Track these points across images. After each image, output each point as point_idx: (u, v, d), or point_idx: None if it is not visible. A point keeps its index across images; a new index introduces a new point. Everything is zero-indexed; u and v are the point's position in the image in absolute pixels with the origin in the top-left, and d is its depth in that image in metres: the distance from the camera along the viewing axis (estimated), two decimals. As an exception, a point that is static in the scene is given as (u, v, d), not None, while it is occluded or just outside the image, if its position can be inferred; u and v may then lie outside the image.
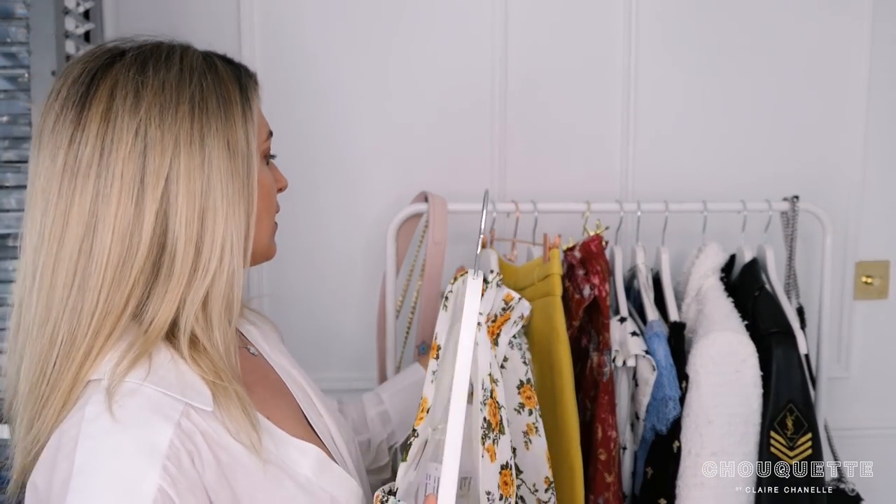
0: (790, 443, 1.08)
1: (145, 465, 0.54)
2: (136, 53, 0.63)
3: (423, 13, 1.38)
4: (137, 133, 0.60)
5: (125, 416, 0.56)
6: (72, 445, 0.55)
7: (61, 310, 0.59)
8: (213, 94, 0.63)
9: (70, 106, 0.60)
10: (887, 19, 1.44)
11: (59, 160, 0.60)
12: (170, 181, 0.60)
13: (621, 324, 1.12)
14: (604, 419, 1.07)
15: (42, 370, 0.59)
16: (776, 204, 1.26)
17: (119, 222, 0.59)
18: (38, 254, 0.60)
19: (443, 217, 1.17)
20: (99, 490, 0.53)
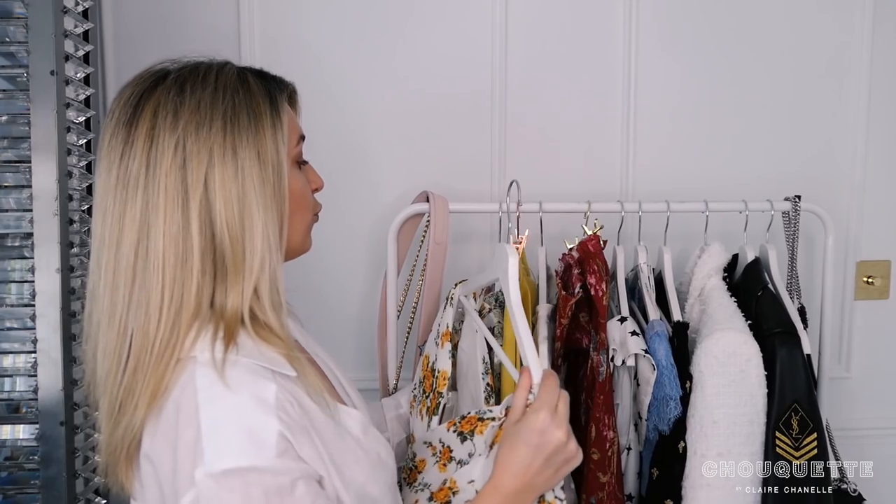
0: (796, 443, 1.08)
1: (263, 416, 0.63)
2: (176, 76, 0.71)
3: (422, 13, 1.38)
4: (177, 148, 0.67)
5: (234, 382, 0.64)
6: (192, 413, 0.63)
7: (125, 305, 0.67)
8: (244, 110, 0.70)
9: (121, 126, 0.69)
10: (887, 19, 1.44)
11: (113, 174, 0.68)
12: (209, 189, 0.68)
13: (621, 323, 1.12)
14: (598, 419, 1.07)
15: (118, 359, 0.67)
16: (778, 204, 1.26)
17: (168, 227, 0.67)
18: (100, 255, 0.69)
19: (444, 217, 1.16)
20: (231, 442, 0.62)
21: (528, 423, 0.75)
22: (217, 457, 0.61)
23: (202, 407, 0.63)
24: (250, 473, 0.61)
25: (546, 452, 0.74)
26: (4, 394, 1.16)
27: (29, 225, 1.10)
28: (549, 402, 0.75)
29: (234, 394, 0.64)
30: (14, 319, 1.15)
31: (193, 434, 0.62)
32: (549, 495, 0.78)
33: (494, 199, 1.40)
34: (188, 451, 0.62)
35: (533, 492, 0.75)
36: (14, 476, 1.15)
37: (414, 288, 1.25)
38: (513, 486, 0.73)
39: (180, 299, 0.67)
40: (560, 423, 0.75)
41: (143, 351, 0.66)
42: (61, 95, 1.10)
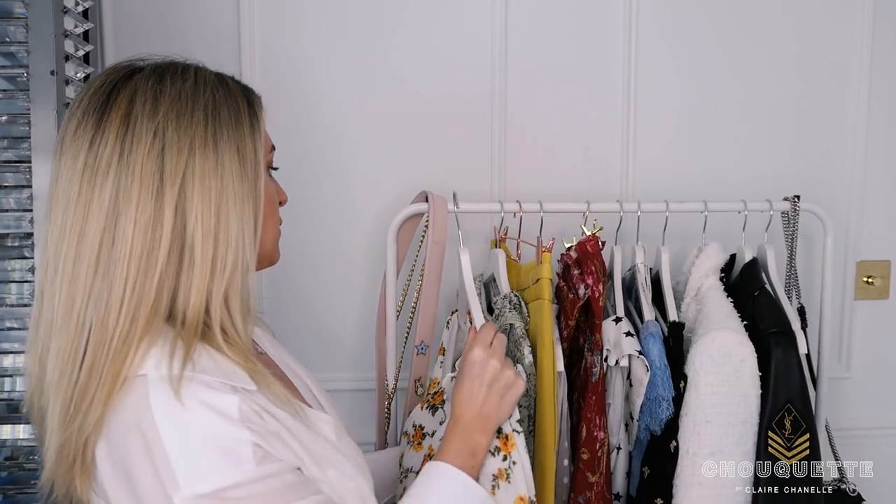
0: (788, 443, 1.08)
1: (233, 430, 0.61)
2: (153, 67, 0.69)
3: (422, 14, 1.38)
4: (156, 134, 0.64)
5: (192, 401, 0.61)
6: (154, 439, 0.59)
7: (85, 297, 0.63)
8: (224, 105, 0.69)
9: (91, 112, 0.65)
10: (888, 19, 1.44)
11: (80, 161, 0.64)
12: (186, 180, 0.65)
13: (616, 324, 1.12)
14: (590, 419, 1.07)
15: (73, 357, 0.63)
16: (777, 204, 1.26)
17: (140, 215, 0.63)
18: (59, 247, 0.64)
19: (443, 217, 1.16)
20: (205, 463, 0.59)
21: (467, 359, 0.85)
22: (194, 481, 0.58)
23: (164, 431, 0.59)
24: (235, 489, 0.59)
25: (486, 380, 0.83)
26: (4, 394, 1.17)
27: (29, 225, 1.10)
28: (484, 340, 0.86)
29: (195, 413, 0.60)
30: (14, 319, 1.15)
31: (160, 461, 0.59)
32: (506, 427, 0.86)
33: (494, 199, 1.40)
34: (156, 482, 0.59)
35: (487, 420, 0.82)
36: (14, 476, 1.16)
37: (413, 288, 1.25)
38: (467, 416, 0.82)
39: (141, 291, 0.63)
40: (494, 353, 0.84)
41: (101, 345, 0.62)
42: (61, 95, 1.11)
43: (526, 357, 1.03)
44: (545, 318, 1.05)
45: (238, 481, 0.60)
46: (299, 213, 1.31)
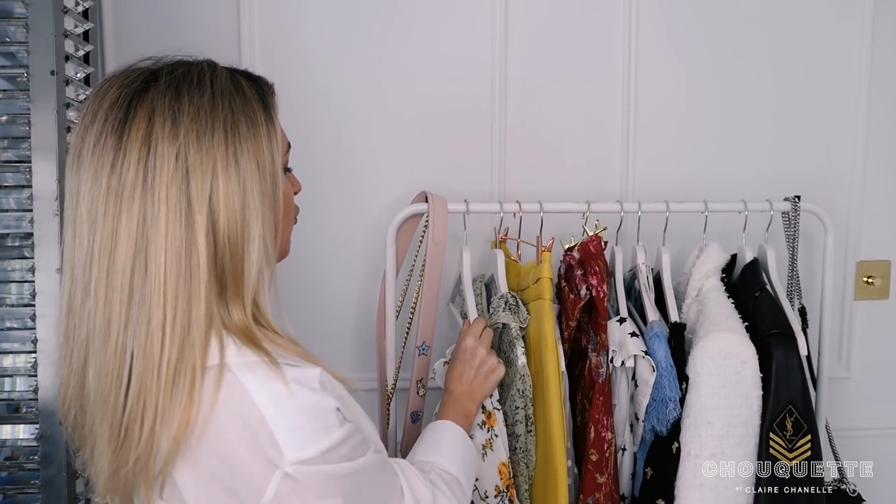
0: (789, 444, 1.08)
1: (321, 398, 0.67)
2: (169, 79, 0.68)
3: (422, 14, 1.38)
4: (178, 158, 0.64)
5: (285, 379, 0.65)
6: (260, 420, 0.63)
7: (121, 324, 0.64)
8: (242, 117, 0.69)
9: (110, 130, 0.65)
10: (888, 19, 1.44)
11: (103, 182, 0.64)
12: (212, 202, 0.65)
13: (620, 324, 1.12)
14: (597, 420, 1.07)
15: (116, 383, 0.64)
16: (777, 204, 1.26)
17: (170, 243, 0.64)
18: (88, 270, 0.64)
19: (443, 217, 1.16)
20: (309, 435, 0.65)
21: (460, 347, 1.05)
22: (298, 449, 0.64)
23: (266, 411, 0.64)
24: (330, 452, 0.66)
25: (474, 364, 1.02)
26: (4, 394, 1.17)
27: (29, 225, 1.10)
28: (475, 332, 1.06)
29: (289, 389, 0.65)
30: (14, 319, 1.15)
31: (265, 439, 0.63)
32: (488, 405, 1.04)
33: (494, 199, 1.40)
34: (260, 460, 0.63)
35: (475, 394, 1.01)
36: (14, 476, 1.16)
37: (413, 288, 1.25)
38: (458, 390, 1.01)
39: (188, 317, 0.64)
40: (482, 343, 1.04)
41: (148, 373, 0.63)
42: (61, 95, 1.11)
43: (518, 358, 1.05)
44: (547, 318, 1.06)
45: (332, 443, 0.66)
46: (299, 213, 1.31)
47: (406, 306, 1.29)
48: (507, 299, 1.10)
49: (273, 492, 0.64)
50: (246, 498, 0.64)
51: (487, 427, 1.03)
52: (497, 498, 1.02)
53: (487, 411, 1.04)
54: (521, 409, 1.06)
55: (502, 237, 1.22)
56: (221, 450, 0.64)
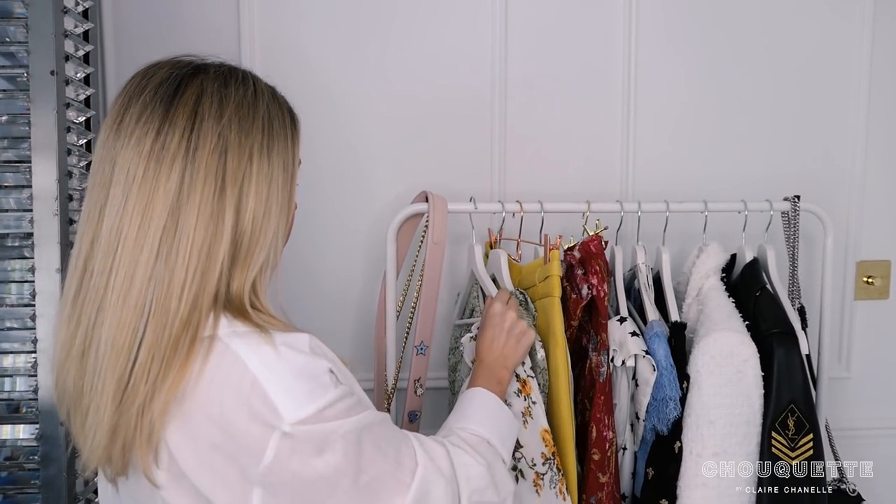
0: (791, 443, 1.08)
1: (313, 360, 0.69)
2: (217, 71, 0.74)
3: (423, 14, 1.38)
4: (220, 136, 0.69)
5: (275, 344, 0.68)
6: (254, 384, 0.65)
7: (145, 279, 0.66)
8: (277, 118, 0.75)
9: (159, 102, 0.69)
10: (888, 19, 1.44)
11: (146, 147, 0.68)
12: (244, 183, 0.70)
13: (621, 324, 1.12)
14: (599, 419, 1.07)
15: (132, 336, 0.66)
16: (777, 204, 1.26)
17: (203, 209, 0.68)
18: (119, 224, 0.67)
19: (443, 217, 1.16)
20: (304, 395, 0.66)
21: (489, 313, 1.01)
22: (295, 410, 0.65)
23: (259, 374, 0.65)
24: (327, 410, 0.67)
25: (505, 327, 0.99)
26: (4, 394, 1.17)
27: (29, 225, 1.10)
28: (502, 298, 1.03)
29: (280, 352, 0.67)
30: (14, 319, 1.15)
31: (259, 402, 0.65)
32: (521, 372, 1.01)
33: (494, 199, 1.40)
34: (256, 423, 0.64)
35: (507, 359, 0.97)
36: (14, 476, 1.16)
37: (413, 288, 1.25)
38: (490, 357, 0.97)
39: (202, 282, 0.68)
40: (511, 307, 1.01)
41: (161, 327, 0.66)
42: (61, 95, 1.11)
43: (538, 352, 1.04)
44: (556, 315, 1.05)
45: (329, 401, 0.67)
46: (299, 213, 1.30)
47: (406, 306, 1.29)
48: (517, 296, 1.09)
49: (272, 453, 0.64)
50: (246, 463, 0.65)
51: (524, 395, 0.99)
52: (545, 465, 0.98)
53: (522, 379, 1.00)
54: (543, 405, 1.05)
55: (496, 237, 1.22)
56: (216, 417, 0.65)
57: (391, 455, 0.71)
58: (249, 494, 0.65)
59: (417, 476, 0.71)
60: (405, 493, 0.70)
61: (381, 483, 0.69)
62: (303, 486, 0.65)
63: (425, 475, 0.72)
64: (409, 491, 0.70)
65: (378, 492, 0.69)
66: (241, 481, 0.65)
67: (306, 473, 0.65)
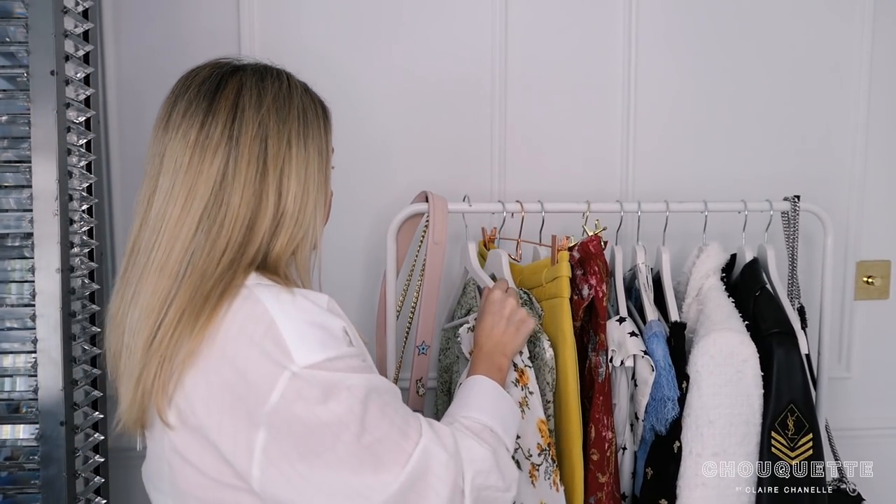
0: (791, 443, 1.08)
1: (329, 317, 0.73)
2: (254, 68, 0.81)
3: (421, 13, 1.38)
4: (260, 125, 0.76)
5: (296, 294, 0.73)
6: (270, 325, 0.69)
7: (183, 250, 0.72)
8: (310, 110, 0.82)
9: (202, 97, 0.76)
10: (888, 19, 1.44)
11: (192, 137, 0.74)
12: (284, 166, 0.77)
13: (620, 324, 1.12)
14: (598, 419, 1.07)
15: (163, 299, 0.72)
16: (777, 204, 1.26)
17: (246, 189, 0.74)
18: (165, 207, 0.74)
19: (443, 217, 1.16)
20: (314, 340, 0.70)
21: (488, 300, 1.01)
22: (307, 354, 0.68)
23: (277, 318, 0.70)
24: (337, 361, 0.70)
25: (505, 315, 0.99)
26: (4, 394, 1.17)
27: (29, 225, 1.10)
28: (501, 286, 1.04)
29: (299, 300, 0.72)
30: (14, 319, 1.15)
31: (273, 344, 0.68)
32: (518, 361, 1.00)
33: (494, 199, 1.40)
34: (267, 363, 0.68)
35: (506, 346, 0.97)
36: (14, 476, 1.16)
37: (413, 288, 1.25)
38: (489, 343, 0.97)
39: (239, 251, 0.74)
40: (510, 295, 1.01)
41: (193, 288, 0.71)
42: (61, 95, 1.11)
43: (546, 351, 1.04)
44: (565, 316, 1.06)
45: (339, 354, 0.70)
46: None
47: (406, 306, 1.29)
48: (521, 295, 1.09)
49: (279, 393, 0.67)
50: (252, 404, 0.67)
51: (521, 385, 0.99)
52: (541, 456, 0.99)
53: (520, 369, 1.00)
54: (552, 404, 1.05)
55: (490, 237, 1.22)
56: (231, 354, 0.69)
57: (397, 423, 0.73)
58: (254, 437, 0.67)
59: (420, 446, 0.73)
60: (405, 462, 0.71)
61: (383, 447, 0.70)
62: (305, 432, 0.67)
63: (427, 446, 0.73)
64: (410, 459, 0.71)
65: (379, 455, 0.70)
66: (247, 423, 0.68)
67: (309, 419, 0.67)
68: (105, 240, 1.36)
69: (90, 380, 1.21)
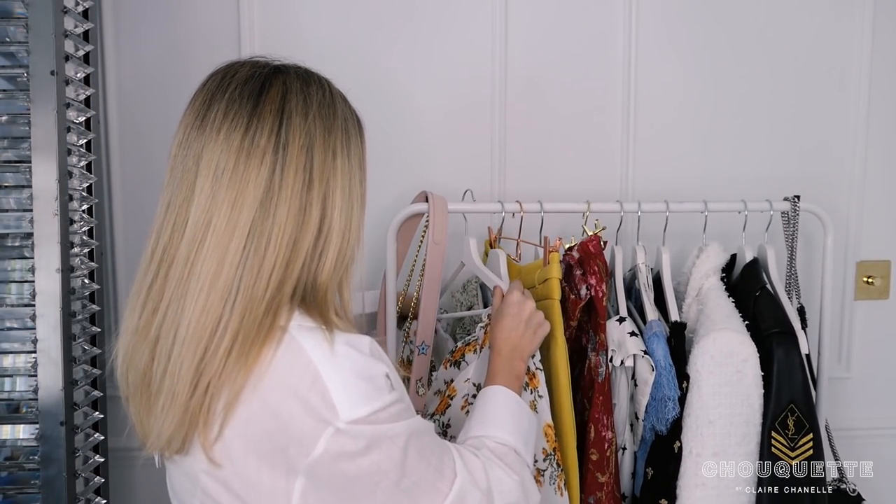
0: (791, 443, 1.08)
1: (373, 364, 0.70)
2: (297, 72, 0.78)
3: (422, 14, 1.38)
4: (308, 134, 0.73)
5: (340, 343, 0.70)
6: (316, 378, 0.67)
7: (234, 266, 0.69)
8: (350, 120, 0.79)
9: (245, 98, 0.72)
10: (888, 19, 1.44)
11: (236, 141, 0.70)
12: (329, 177, 0.74)
13: (620, 324, 1.12)
14: (597, 419, 1.07)
15: (217, 318, 0.68)
16: (777, 204, 1.26)
17: (292, 202, 0.71)
18: (207, 214, 0.70)
19: (443, 217, 1.16)
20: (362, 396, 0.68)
21: (507, 302, 1.00)
22: (351, 409, 0.67)
23: (322, 369, 0.67)
24: (380, 413, 0.69)
25: (524, 317, 0.98)
26: (4, 394, 1.17)
27: (29, 225, 1.10)
28: (518, 288, 1.02)
29: (343, 351, 0.69)
30: (14, 319, 1.15)
31: (318, 397, 0.66)
32: (530, 364, 0.99)
33: (494, 199, 1.40)
34: (311, 416, 0.66)
35: (524, 350, 0.97)
36: (14, 476, 1.16)
37: (413, 288, 1.25)
38: (507, 347, 0.96)
39: (286, 271, 0.70)
40: (529, 298, 1.00)
41: (247, 311, 0.68)
42: (61, 95, 1.11)
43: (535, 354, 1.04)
44: (556, 318, 1.06)
45: (382, 405, 0.69)
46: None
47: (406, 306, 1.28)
48: None
49: (322, 448, 0.66)
50: (294, 454, 0.67)
51: (531, 388, 0.99)
52: (546, 461, 0.99)
53: (531, 372, 1.00)
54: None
55: (495, 236, 1.22)
56: (274, 403, 0.67)
57: (433, 464, 0.73)
58: (293, 484, 0.67)
59: (455, 486, 0.74)
60: (442, 502, 0.72)
61: (420, 489, 0.71)
62: (345, 482, 0.67)
63: (463, 486, 0.75)
64: (447, 500, 0.73)
65: (417, 497, 0.71)
66: (286, 471, 0.67)
67: (351, 470, 0.67)
68: (105, 240, 1.36)
69: (90, 380, 1.21)
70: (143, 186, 1.36)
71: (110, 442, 1.30)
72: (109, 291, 1.37)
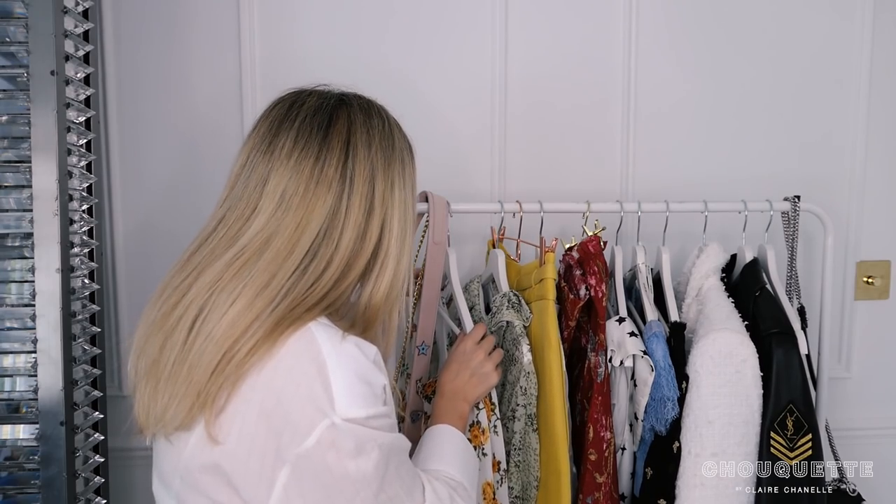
0: (790, 443, 1.08)
1: (375, 371, 0.74)
2: (359, 102, 0.83)
3: (422, 13, 1.38)
4: (371, 165, 0.79)
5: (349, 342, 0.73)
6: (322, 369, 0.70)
7: (285, 278, 0.73)
8: (405, 150, 0.85)
9: (316, 129, 0.78)
10: (888, 18, 1.44)
11: (307, 169, 0.76)
12: (387, 205, 0.80)
13: (619, 324, 1.12)
14: (596, 419, 1.07)
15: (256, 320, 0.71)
16: (777, 204, 1.26)
17: (355, 229, 0.77)
18: (268, 234, 0.75)
19: (443, 217, 1.16)
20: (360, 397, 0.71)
21: (457, 349, 1.05)
22: (348, 407, 0.70)
23: (329, 363, 0.70)
24: (373, 420, 0.72)
25: (470, 366, 1.02)
26: (4, 394, 1.17)
27: (29, 225, 1.10)
28: (475, 336, 1.06)
29: (351, 350, 0.72)
30: (14, 319, 1.16)
31: (321, 388, 0.69)
32: (483, 421, 1.01)
33: (494, 199, 1.40)
34: (311, 405, 0.69)
35: (467, 395, 1.00)
36: (14, 476, 1.16)
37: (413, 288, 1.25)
38: (449, 389, 1.01)
39: (333, 288, 0.76)
40: (482, 348, 1.04)
41: (285, 318, 0.72)
42: (61, 95, 1.11)
43: (524, 355, 1.05)
44: (550, 318, 1.06)
45: (377, 413, 0.72)
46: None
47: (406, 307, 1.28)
48: (510, 298, 1.10)
49: (315, 439, 0.68)
50: (287, 441, 0.68)
51: (476, 445, 1.01)
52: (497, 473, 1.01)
53: (483, 428, 1.02)
54: (523, 408, 1.06)
55: (500, 236, 1.22)
56: (279, 385, 0.69)
57: (407, 483, 0.76)
58: (277, 473, 0.68)
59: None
60: None
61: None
62: (329, 482, 0.69)
63: None
64: None
65: None
66: (274, 457, 0.68)
67: (337, 469, 0.69)
68: (105, 240, 1.36)
69: (90, 380, 1.21)
70: (143, 186, 1.36)
71: (110, 442, 1.30)
72: (109, 291, 1.37)
